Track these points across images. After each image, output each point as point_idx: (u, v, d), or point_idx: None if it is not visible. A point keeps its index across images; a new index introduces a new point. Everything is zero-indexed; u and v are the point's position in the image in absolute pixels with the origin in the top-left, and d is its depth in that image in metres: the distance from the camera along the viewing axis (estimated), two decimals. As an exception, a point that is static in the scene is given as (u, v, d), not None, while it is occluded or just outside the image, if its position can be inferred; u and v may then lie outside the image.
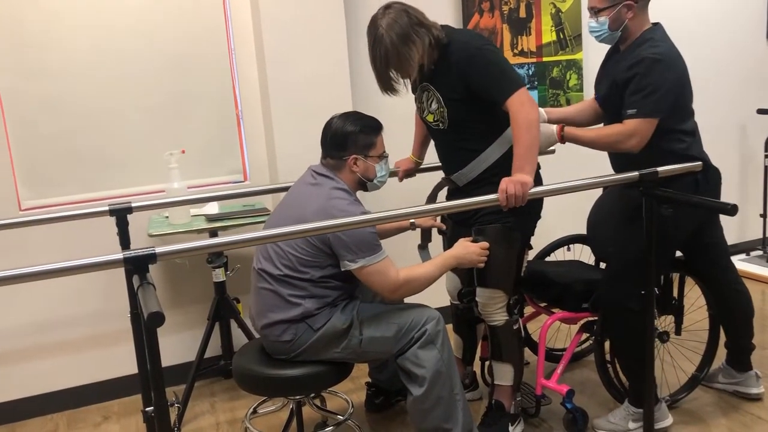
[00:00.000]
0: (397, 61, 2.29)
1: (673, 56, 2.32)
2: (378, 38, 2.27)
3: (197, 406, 3.12)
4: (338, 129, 2.37)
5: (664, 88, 2.27)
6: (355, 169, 2.37)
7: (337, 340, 2.29)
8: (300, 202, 2.33)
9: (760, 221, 4.47)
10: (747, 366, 2.78)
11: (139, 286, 1.63)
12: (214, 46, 3.26)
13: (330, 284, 2.29)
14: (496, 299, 2.47)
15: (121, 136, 3.17)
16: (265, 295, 2.32)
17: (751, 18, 4.42)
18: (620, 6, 2.35)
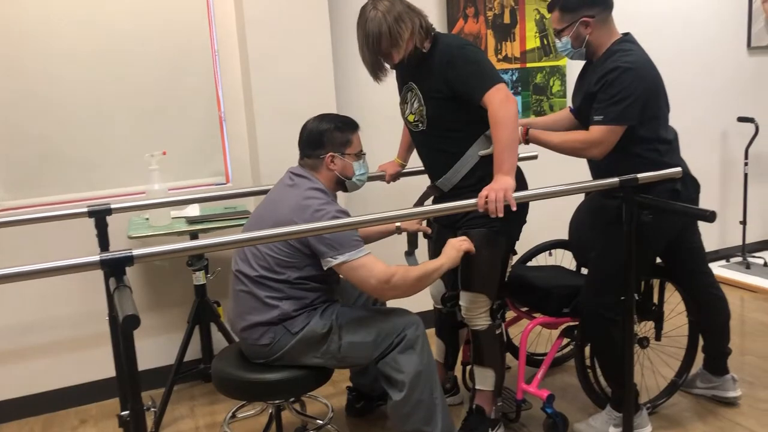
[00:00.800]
0: (388, 41, 2.29)
1: (643, 64, 2.34)
2: (371, 18, 2.29)
3: (176, 410, 3.09)
4: (314, 128, 2.38)
5: (632, 96, 2.29)
6: (332, 167, 2.37)
7: (316, 344, 2.27)
8: (276, 204, 2.32)
9: (740, 228, 4.52)
10: (724, 370, 2.80)
11: (115, 288, 1.61)
12: (197, 47, 3.24)
13: (307, 286, 2.28)
14: (480, 303, 2.47)
15: (102, 136, 3.14)
16: (243, 297, 2.30)
17: (733, 28, 4.47)
18: (577, 24, 2.40)
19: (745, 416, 2.72)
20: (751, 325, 3.62)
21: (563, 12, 2.42)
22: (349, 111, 3.48)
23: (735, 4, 4.44)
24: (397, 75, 2.58)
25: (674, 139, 2.52)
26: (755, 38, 4.50)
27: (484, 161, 2.40)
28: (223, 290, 3.36)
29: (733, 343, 3.35)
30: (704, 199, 2.58)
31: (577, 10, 2.39)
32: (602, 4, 2.40)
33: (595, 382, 2.67)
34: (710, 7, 4.37)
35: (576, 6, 2.39)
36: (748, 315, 3.77)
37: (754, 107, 4.60)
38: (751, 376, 3.05)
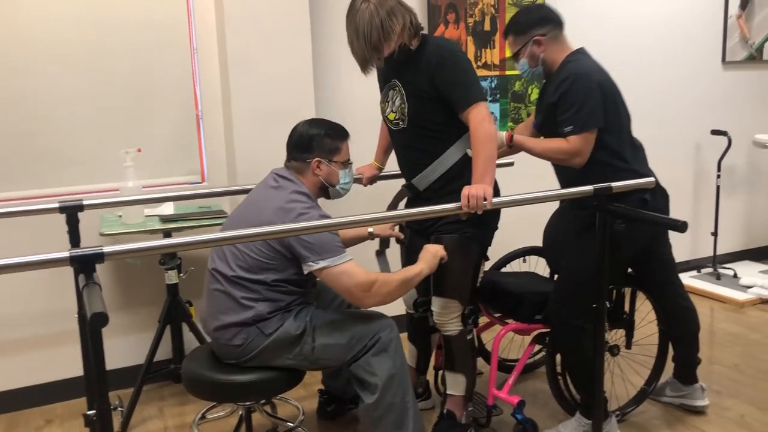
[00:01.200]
0: (380, 33, 2.30)
1: (594, 70, 2.40)
2: (363, 9, 2.29)
3: (145, 410, 3.05)
4: (304, 131, 2.38)
5: (590, 99, 2.34)
6: (318, 172, 2.36)
7: (289, 346, 2.25)
8: (259, 205, 2.31)
9: (712, 239, 4.58)
10: (693, 379, 2.83)
11: (84, 285, 1.59)
12: (175, 44, 3.21)
13: (284, 288, 2.26)
14: (452, 309, 2.47)
15: (76, 132, 3.10)
16: (217, 296, 2.28)
17: (708, 43, 4.54)
18: (530, 44, 2.48)
19: (712, 425, 2.75)
20: (719, 336, 3.67)
21: (516, 35, 2.51)
22: (327, 112, 3.47)
23: (710, 20, 4.51)
24: (378, 74, 2.59)
25: (639, 148, 2.56)
26: (730, 53, 4.58)
27: (462, 163, 2.41)
28: (195, 290, 3.33)
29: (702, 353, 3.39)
30: (677, 210, 2.62)
31: (527, 32, 2.48)
32: (552, 22, 2.49)
33: (565, 389, 2.69)
34: (686, 23, 4.43)
35: (526, 28, 2.49)
36: (717, 325, 3.83)
37: (727, 121, 4.68)
38: (719, 385, 3.10)
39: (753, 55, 4.66)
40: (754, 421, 2.77)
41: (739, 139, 4.69)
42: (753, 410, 2.86)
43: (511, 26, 2.53)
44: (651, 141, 4.32)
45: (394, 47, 2.33)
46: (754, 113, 4.79)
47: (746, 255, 4.94)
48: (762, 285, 4.22)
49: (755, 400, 2.94)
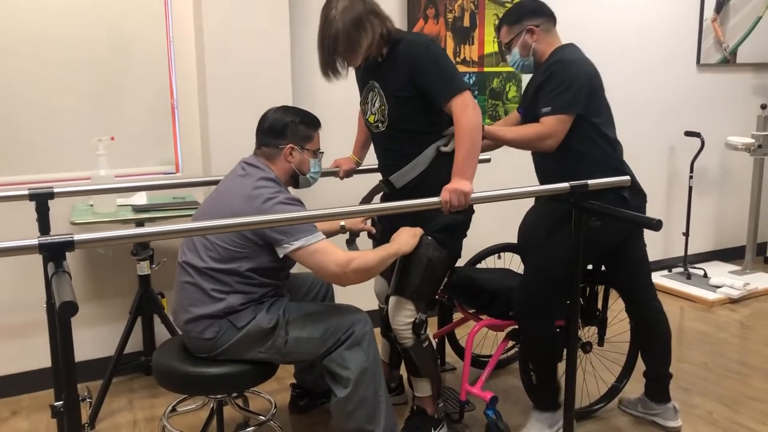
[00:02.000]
0: (346, 46, 2.25)
1: (584, 61, 2.44)
2: (330, 19, 2.23)
3: (114, 403, 3.01)
4: (278, 117, 2.34)
5: (575, 84, 2.37)
6: (290, 159, 2.34)
7: (261, 339, 2.22)
8: (227, 194, 2.28)
9: (683, 239, 4.64)
10: (665, 397, 2.74)
11: (53, 273, 1.55)
12: (151, 32, 3.17)
13: (255, 281, 2.23)
14: (405, 312, 2.41)
15: (47, 119, 3.04)
16: (188, 289, 2.25)
17: (683, 45, 4.59)
18: (523, 33, 2.51)
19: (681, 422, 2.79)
20: (689, 334, 3.72)
21: (509, 24, 2.55)
22: (304, 104, 3.44)
23: (686, 23, 4.57)
24: (357, 75, 2.56)
25: (618, 144, 2.57)
26: (704, 56, 4.64)
27: (442, 162, 2.38)
28: (167, 281, 3.29)
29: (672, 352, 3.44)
30: (650, 210, 2.64)
31: (521, 21, 2.52)
32: (545, 14, 2.53)
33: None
34: (662, 26, 4.48)
35: (520, 17, 2.52)
36: (686, 324, 3.88)
37: (700, 122, 4.74)
38: (687, 383, 3.14)
39: (727, 59, 4.73)
40: (721, 419, 2.81)
41: (712, 140, 4.76)
42: (720, 407, 2.91)
43: (505, 18, 2.57)
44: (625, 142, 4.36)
45: (360, 60, 2.30)
46: (727, 115, 4.86)
47: (716, 255, 5.02)
48: (731, 285, 4.29)
49: (722, 398, 2.99)
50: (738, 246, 5.06)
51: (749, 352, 3.48)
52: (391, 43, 2.34)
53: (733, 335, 3.70)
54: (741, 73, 4.87)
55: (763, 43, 4.84)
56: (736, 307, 4.14)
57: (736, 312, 4.06)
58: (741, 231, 5.05)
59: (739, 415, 2.84)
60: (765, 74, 4.91)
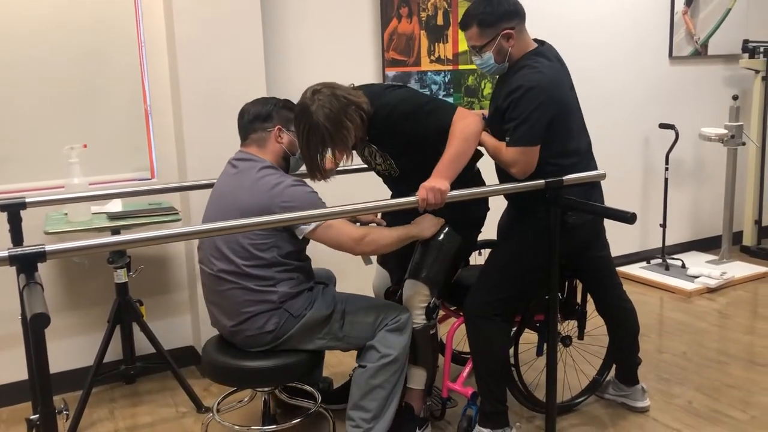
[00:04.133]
0: (333, 146, 2.30)
1: (547, 83, 2.28)
2: (313, 126, 2.24)
3: (95, 413, 2.97)
4: (259, 106, 2.40)
5: (534, 116, 2.25)
6: (279, 140, 2.38)
7: (320, 326, 2.32)
8: (231, 195, 2.31)
9: (660, 231, 4.69)
10: (634, 380, 2.83)
11: (24, 285, 1.53)
12: (122, 36, 3.13)
13: (291, 265, 2.29)
14: (421, 296, 2.50)
15: (18, 126, 2.99)
16: (232, 294, 2.27)
17: (656, 38, 4.64)
18: (499, 38, 2.34)
19: (661, 411, 2.82)
20: (668, 325, 3.76)
21: (483, 27, 2.34)
22: (280, 107, 3.43)
23: (658, 16, 4.61)
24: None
25: (585, 149, 2.49)
26: (676, 48, 4.69)
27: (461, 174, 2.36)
28: (145, 289, 3.26)
29: (652, 342, 3.48)
30: (626, 202, 2.67)
31: (497, 24, 2.33)
32: (519, 14, 2.37)
33: (518, 380, 2.71)
34: (634, 18, 4.52)
35: (496, 20, 2.32)
36: (665, 314, 3.92)
37: (674, 114, 4.79)
38: (667, 373, 3.17)
39: (698, 51, 4.78)
40: (701, 407, 2.84)
41: (686, 132, 4.81)
42: (700, 396, 2.94)
43: (476, 16, 2.34)
44: (601, 134, 4.42)
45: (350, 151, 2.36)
46: (700, 107, 4.92)
47: (693, 246, 5.08)
48: (708, 275, 4.34)
49: (702, 387, 3.02)
50: (714, 236, 5.12)
51: (727, 340, 3.52)
52: (370, 118, 2.36)
53: (712, 324, 3.74)
54: (712, 65, 4.93)
55: (733, 35, 4.89)
56: (714, 297, 4.19)
57: (714, 301, 4.11)
58: (717, 221, 5.11)
59: (718, 403, 2.88)
60: (735, 66, 4.97)
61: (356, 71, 3.63)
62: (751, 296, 4.18)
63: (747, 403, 2.87)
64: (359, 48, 3.63)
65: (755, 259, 4.86)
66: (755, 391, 2.97)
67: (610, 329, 2.77)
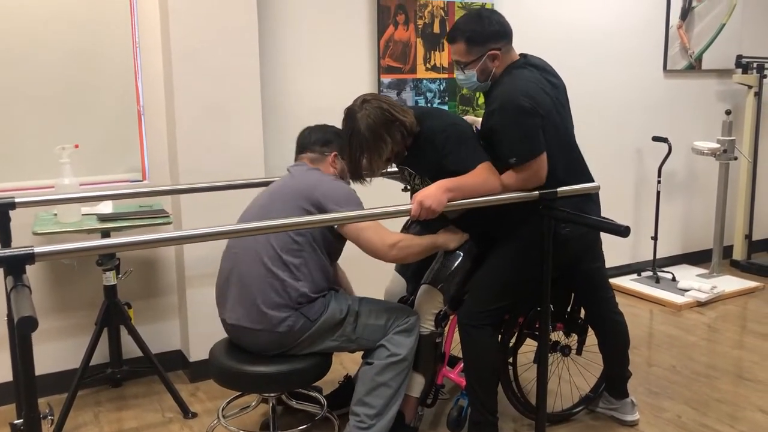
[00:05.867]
0: (369, 155, 2.36)
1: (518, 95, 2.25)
2: (354, 132, 2.34)
3: (80, 416, 2.94)
4: (321, 129, 2.57)
5: (523, 128, 2.25)
6: (333, 165, 2.52)
7: (333, 328, 2.37)
8: (280, 186, 2.44)
9: (652, 243, 4.70)
10: (623, 394, 2.81)
11: (12, 288, 1.51)
12: (117, 36, 3.11)
13: (321, 263, 2.36)
14: (434, 303, 2.53)
15: (7, 125, 2.96)
16: (259, 276, 2.30)
17: (650, 51, 4.65)
18: (485, 57, 2.34)
19: (650, 425, 2.81)
20: (658, 338, 3.76)
21: (470, 45, 2.33)
22: (274, 107, 3.42)
23: (652, 29, 4.63)
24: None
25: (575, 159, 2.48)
26: (671, 62, 4.71)
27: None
28: (134, 292, 3.23)
29: (641, 355, 3.48)
30: (619, 214, 2.66)
31: (484, 44, 2.33)
32: (507, 36, 2.37)
33: (513, 380, 2.68)
34: (629, 32, 4.54)
35: (484, 40, 2.32)
36: (655, 327, 3.92)
37: (667, 127, 4.80)
38: (657, 386, 3.17)
39: (692, 65, 4.80)
40: (689, 421, 2.84)
41: (679, 145, 4.83)
42: (689, 410, 2.94)
43: (465, 33, 2.34)
44: (594, 146, 4.43)
45: (383, 168, 2.42)
46: (693, 121, 4.94)
47: (684, 259, 5.09)
48: (698, 288, 4.34)
49: (691, 401, 3.02)
50: (705, 249, 5.13)
51: (716, 354, 3.53)
52: (414, 135, 2.42)
53: (701, 338, 3.75)
54: (706, 79, 4.95)
55: (727, 50, 4.92)
56: (704, 310, 4.19)
57: (704, 315, 4.12)
58: (708, 234, 5.13)
59: (706, 417, 2.87)
60: (729, 80, 5.00)
61: (351, 77, 3.62)
62: (741, 311, 4.19)
63: (735, 417, 2.87)
64: (355, 54, 3.62)
65: (745, 273, 4.87)
66: (743, 405, 2.98)
67: (601, 341, 2.76)
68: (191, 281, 3.16)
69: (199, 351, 3.21)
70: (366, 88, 3.66)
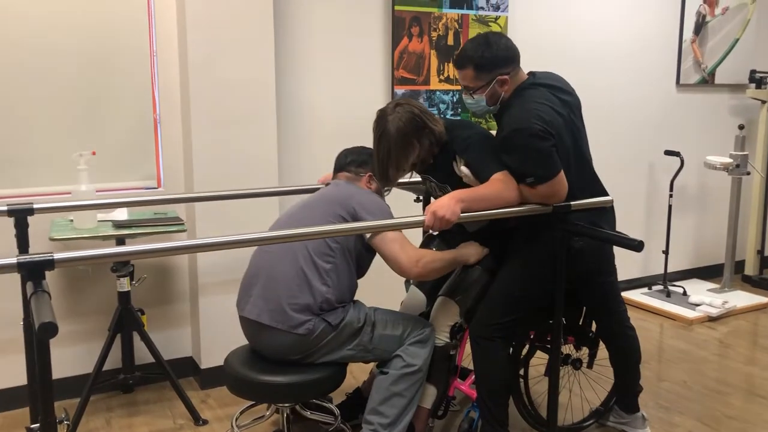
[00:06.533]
0: (395, 158, 2.40)
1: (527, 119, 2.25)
2: (384, 134, 2.39)
3: (91, 422, 2.95)
4: (360, 151, 2.62)
5: (535, 151, 2.24)
6: (369, 186, 2.58)
7: (351, 337, 2.39)
8: (319, 195, 2.50)
9: (663, 257, 4.68)
10: (634, 408, 2.80)
11: (32, 293, 1.53)
12: (135, 47, 3.15)
13: (350, 272, 2.40)
14: (450, 315, 2.56)
15: (27, 131, 3.00)
16: (288, 274, 2.33)
17: (664, 65, 4.66)
18: (494, 83, 2.35)
19: (661, 441, 2.80)
20: (668, 352, 3.75)
21: (479, 71, 2.34)
22: (289, 119, 3.44)
23: (666, 44, 4.64)
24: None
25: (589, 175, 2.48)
26: (683, 76, 4.71)
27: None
28: (148, 298, 3.25)
29: (652, 369, 3.47)
30: (630, 228, 2.66)
31: (492, 70, 2.34)
32: (516, 61, 2.38)
33: (525, 393, 2.68)
34: (643, 46, 4.54)
35: (492, 66, 2.33)
36: (666, 342, 3.91)
37: (680, 142, 4.80)
38: (667, 401, 3.15)
39: (705, 79, 4.80)
40: (701, 438, 2.83)
41: (691, 159, 4.82)
42: (700, 426, 2.92)
43: (473, 59, 2.34)
44: (606, 159, 4.43)
45: (409, 169, 2.47)
46: (706, 135, 4.93)
47: (695, 273, 5.07)
48: (709, 303, 4.33)
49: (702, 417, 3.01)
50: (717, 264, 5.12)
51: (728, 370, 3.51)
52: (441, 144, 2.47)
53: (713, 353, 3.73)
54: (719, 94, 4.95)
55: (741, 65, 4.92)
56: (715, 325, 4.17)
57: (716, 330, 4.10)
58: (719, 249, 5.11)
59: (719, 434, 2.86)
60: (742, 95, 4.99)
61: (365, 87, 3.65)
62: (752, 326, 4.17)
63: (747, 434, 2.86)
64: (369, 65, 3.65)
65: (757, 288, 4.85)
66: (756, 422, 2.96)
67: (612, 355, 2.75)
68: (204, 288, 3.18)
69: (211, 358, 3.23)
70: (379, 99, 3.68)
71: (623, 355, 2.73)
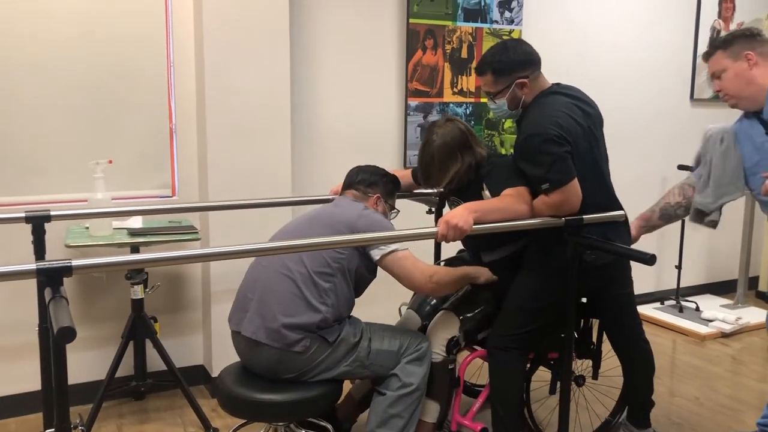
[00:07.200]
0: (436, 168, 2.51)
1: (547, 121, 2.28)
2: (429, 142, 2.51)
3: (103, 428, 2.97)
4: (371, 171, 2.62)
5: (548, 155, 2.25)
6: (376, 207, 2.57)
7: (348, 353, 2.35)
8: (325, 212, 2.46)
9: (675, 272, 4.66)
10: (646, 423, 2.78)
11: (51, 299, 1.55)
12: (152, 57, 3.19)
13: (348, 294, 2.37)
14: (449, 328, 2.55)
15: (45, 139, 3.04)
16: (286, 292, 2.29)
17: (678, 80, 4.66)
18: (513, 86, 2.39)
19: (672, 457, 2.78)
20: (681, 368, 3.72)
21: (497, 75, 2.40)
22: (302, 131, 3.47)
23: (681, 59, 4.64)
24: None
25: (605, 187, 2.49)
26: (698, 91, 4.71)
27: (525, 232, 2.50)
28: (161, 306, 3.28)
29: (664, 385, 3.45)
30: (643, 242, 2.65)
31: (511, 73, 2.38)
32: (534, 63, 2.41)
33: (529, 417, 2.69)
34: (658, 61, 4.55)
35: (510, 69, 2.38)
36: (678, 357, 3.88)
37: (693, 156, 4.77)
38: (680, 417, 3.13)
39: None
40: (713, 455, 2.81)
41: (704, 175, 4.80)
42: (713, 443, 2.90)
43: (491, 64, 2.40)
44: (619, 173, 4.42)
45: (446, 183, 2.52)
46: (719, 150, 4.90)
47: (708, 289, 5.04)
48: (722, 319, 4.30)
49: (715, 434, 2.99)
50: (730, 279, 5.08)
51: (741, 387, 3.48)
52: (478, 170, 2.54)
53: (726, 370, 3.70)
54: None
55: (755, 80, 4.90)
56: (728, 342, 4.15)
57: (728, 346, 4.07)
58: (733, 264, 5.08)
59: (731, 451, 2.84)
60: (757, 110, 4.97)
61: (379, 100, 3.67)
62: (766, 343, 4.13)
63: (760, 452, 2.83)
64: (383, 77, 3.67)
65: (770, 305, 4.82)
66: (769, 440, 2.93)
67: (626, 369, 2.74)
68: (216, 297, 3.20)
69: (222, 366, 3.23)
70: (393, 110, 3.70)
71: (638, 369, 2.72)
